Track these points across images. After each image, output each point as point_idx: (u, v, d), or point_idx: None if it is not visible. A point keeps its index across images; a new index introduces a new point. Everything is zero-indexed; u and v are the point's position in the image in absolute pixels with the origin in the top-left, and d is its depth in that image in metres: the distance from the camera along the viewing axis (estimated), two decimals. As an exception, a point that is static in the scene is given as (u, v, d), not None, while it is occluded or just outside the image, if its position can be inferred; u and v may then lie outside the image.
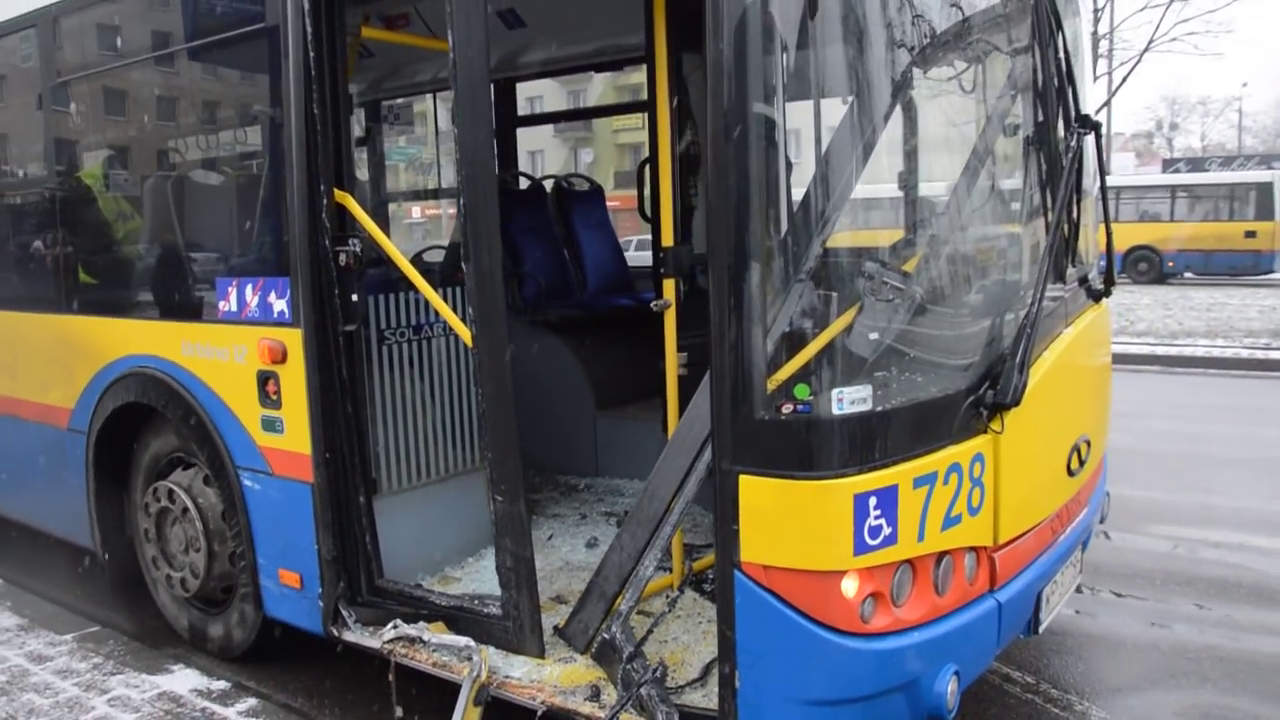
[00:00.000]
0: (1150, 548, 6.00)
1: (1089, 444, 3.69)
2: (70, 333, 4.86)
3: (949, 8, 3.19)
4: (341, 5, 3.59)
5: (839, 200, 2.79)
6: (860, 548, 2.60)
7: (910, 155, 3.46)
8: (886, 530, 2.64)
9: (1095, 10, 23.98)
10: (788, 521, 2.60)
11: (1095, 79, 24.20)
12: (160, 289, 4.51)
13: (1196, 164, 47.43)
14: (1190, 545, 5.96)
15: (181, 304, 4.34)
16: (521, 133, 7.01)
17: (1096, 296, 4.18)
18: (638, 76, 6.28)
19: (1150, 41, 23.55)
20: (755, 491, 2.62)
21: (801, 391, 2.56)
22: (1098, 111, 20.97)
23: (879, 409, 2.65)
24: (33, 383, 5.22)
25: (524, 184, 6.59)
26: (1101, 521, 4.39)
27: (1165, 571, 5.51)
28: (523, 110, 7.29)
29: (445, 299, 3.66)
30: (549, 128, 23.13)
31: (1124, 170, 43.62)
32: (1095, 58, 24.09)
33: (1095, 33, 24.06)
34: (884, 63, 2.90)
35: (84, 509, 4.91)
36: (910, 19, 2.97)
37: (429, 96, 7.34)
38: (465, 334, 3.36)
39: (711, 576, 3.61)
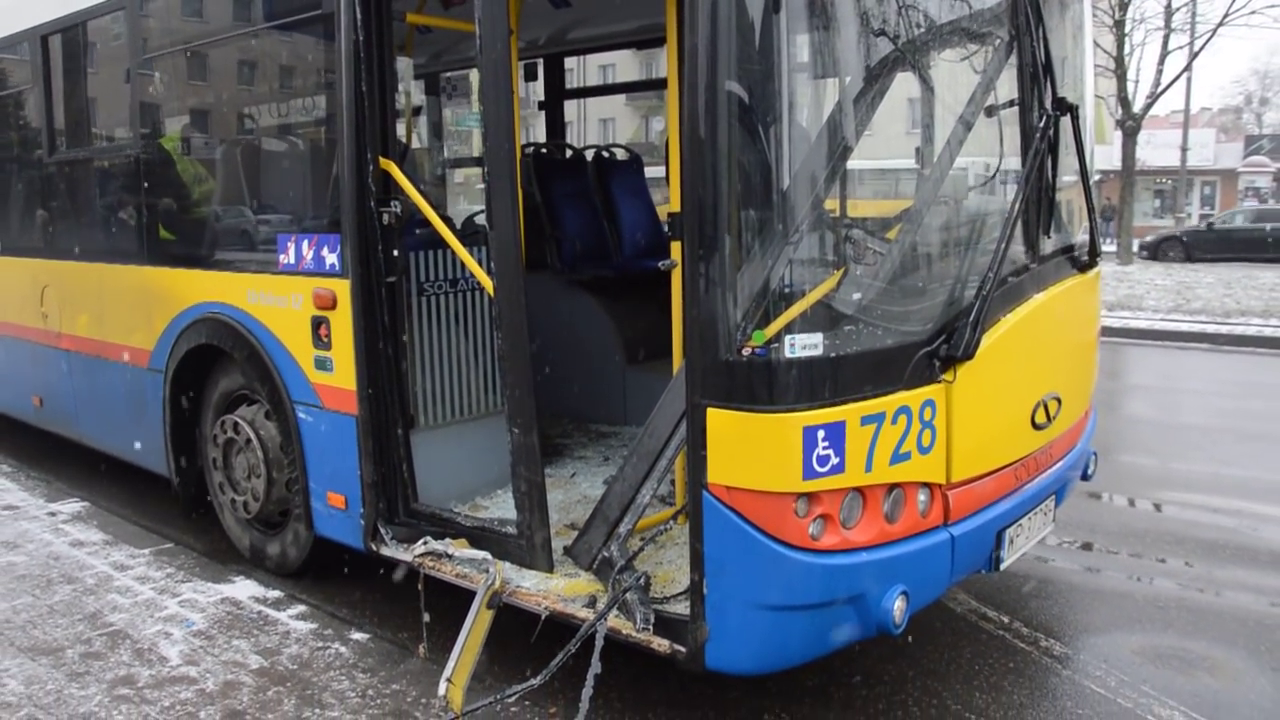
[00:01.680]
0: (1149, 510, 6.31)
1: (1058, 401, 4.02)
2: (150, 282, 5.43)
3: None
4: (388, -6, 4.05)
5: (801, 168, 3.16)
6: (809, 473, 3.01)
7: (882, 130, 3.78)
8: (834, 460, 3.05)
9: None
10: (746, 448, 3.02)
11: (1167, 53, 23.82)
12: (229, 243, 5.07)
13: (1281, 142, 46.22)
14: (1190, 510, 6.25)
15: (247, 256, 4.88)
16: (593, 101, 7.38)
17: (1082, 267, 4.49)
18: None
19: (1225, 16, 23.05)
20: (720, 422, 3.04)
21: (759, 337, 2.97)
22: (1170, 85, 20.48)
23: (830, 355, 3.05)
24: (118, 327, 5.81)
25: (567, 154, 7.02)
26: (1086, 479, 4.70)
27: (1158, 531, 5.82)
28: (594, 78, 7.69)
29: (479, 258, 4.11)
30: (622, 96, 23.48)
31: (1203, 148, 42.52)
32: (1168, 32, 23.68)
33: (1169, 6, 23.64)
34: (861, 42, 3.27)
35: (161, 440, 5.51)
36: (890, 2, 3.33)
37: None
38: (488, 284, 3.81)
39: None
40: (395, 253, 4.12)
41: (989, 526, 3.69)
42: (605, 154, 6.87)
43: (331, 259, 4.23)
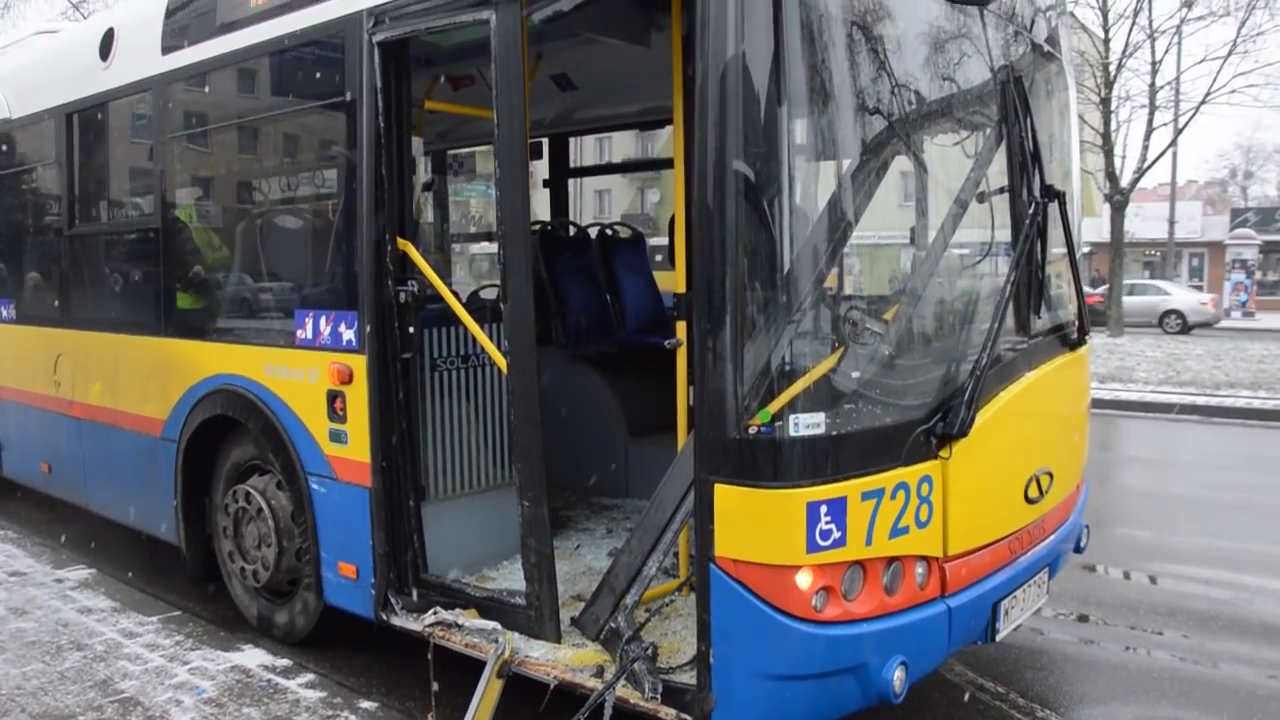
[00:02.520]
0: (1143, 582, 6.41)
1: (1050, 476, 4.16)
2: (166, 353, 5.58)
3: (923, 82, 3.75)
4: (408, 82, 4.26)
5: (809, 252, 3.33)
6: (812, 547, 3.14)
7: (878, 211, 3.96)
8: (836, 534, 3.18)
9: (1153, 62, 24.19)
10: (752, 523, 3.16)
11: (1153, 130, 24.37)
12: (246, 317, 5.23)
13: (1267, 214, 46.85)
14: (1183, 581, 6.36)
15: (265, 330, 5.04)
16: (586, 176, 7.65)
17: (1071, 345, 4.66)
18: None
19: (1207, 94, 23.64)
20: (727, 497, 3.18)
21: (764, 416, 3.12)
22: (1155, 161, 20.95)
23: (832, 433, 3.20)
24: (132, 396, 5.95)
25: (572, 231, 7.23)
26: (1078, 551, 4.82)
27: (1152, 603, 5.91)
28: (591, 152, 7.95)
29: (490, 334, 4.27)
30: (617, 169, 23.97)
31: (1190, 220, 43.17)
32: (1152, 109, 24.26)
33: (1153, 84, 24.25)
34: (855, 125, 3.47)
35: (171, 509, 5.61)
36: (885, 88, 3.53)
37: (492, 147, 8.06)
38: (501, 362, 3.96)
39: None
40: (411, 330, 4.27)
41: (985, 598, 3.81)
42: (609, 232, 7.08)
43: (348, 335, 4.38)
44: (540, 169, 7.82)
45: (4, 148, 7.38)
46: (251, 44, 4.87)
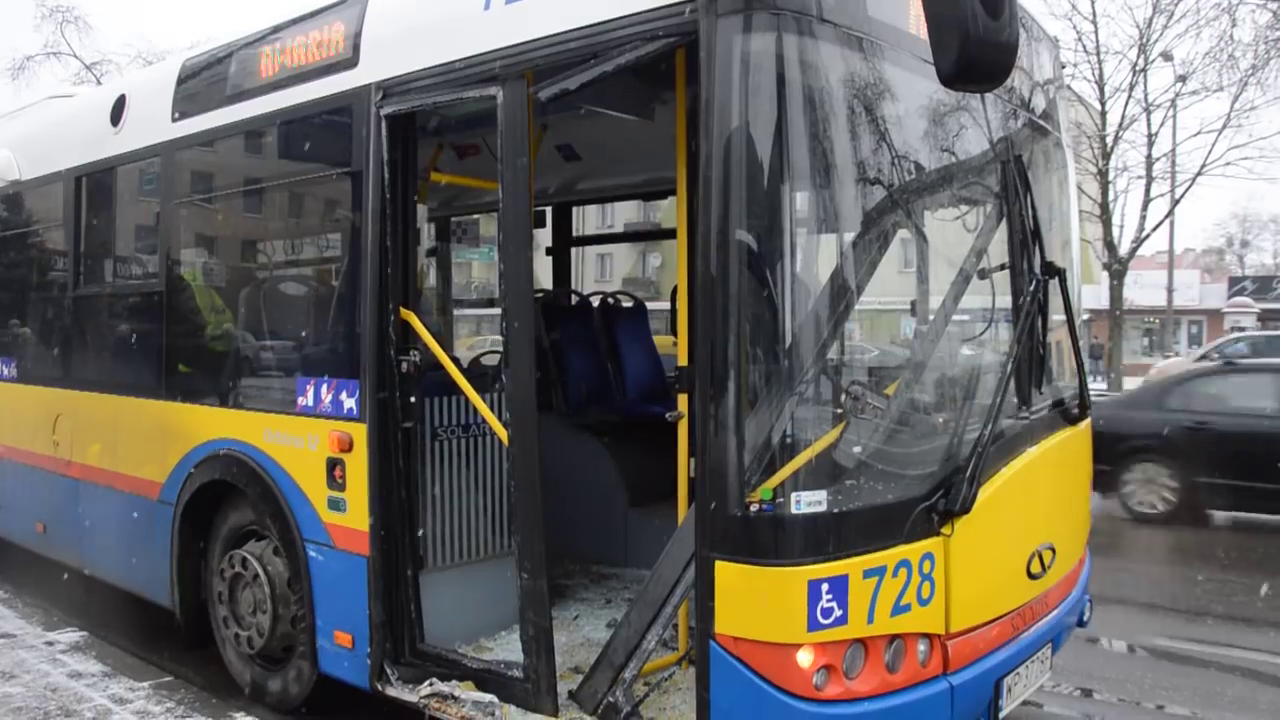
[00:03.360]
0: (1146, 656, 6.33)
1: (1052, 551, 4.14)
2: (167, 416, 5.57)
3: (923, 159, 3.80)
4: (414, 154, 4.32)
5: (809, 322, 3.35)
6: (814, 625, 3.11)
7: (879, 283, 4.00)
8: (838, 612, 3.15)
9: (1149, 135, 24.55)
10: (753, 600, 3.14)
11: (1150, 200, 24.64)
12: (247, 383, 5.23)
13: (1264, 283, 47.22)
14: (1190, 653, 6.27)
15: (265, 396, 5.04)
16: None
17: (1072, 420, 4.66)
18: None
19: (1202, 167, 23.97)
20: (728, 574, 3.16)
21: (766, 494, 3.11)
22: (1153, 231, 21.13)
23: (834, 510, 3.19)
24: (130, 458, 5.93)
25: (574, 300, 7.28)
26: (1082, 625, 4.78)
27: (1156, 676, 5.84)
28: (594, 217, 8.02)
29: (491, 404, 4.27)
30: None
31: (1189, 288, 43.47)
32: (1149, 180, 24.56)
33: (1149, 156, 24.59)
34: (856, 201, 3.51)
35: (166, 572, 5.56)
36: (886, 165, 3.58)
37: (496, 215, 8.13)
38: (502, 434, 3.96)
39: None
40: (413, 399, 4.28)
41: (988, 675, 3.77)
42: (610, 300, 7.11)
43: (349, 403, 4.38)
44: (543, 236, 7.91)
45: (14, 208, 7.45)
46: (261, 113, 4.94)
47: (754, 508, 3.12)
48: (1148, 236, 24.66)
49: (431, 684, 4.12)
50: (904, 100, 3.74)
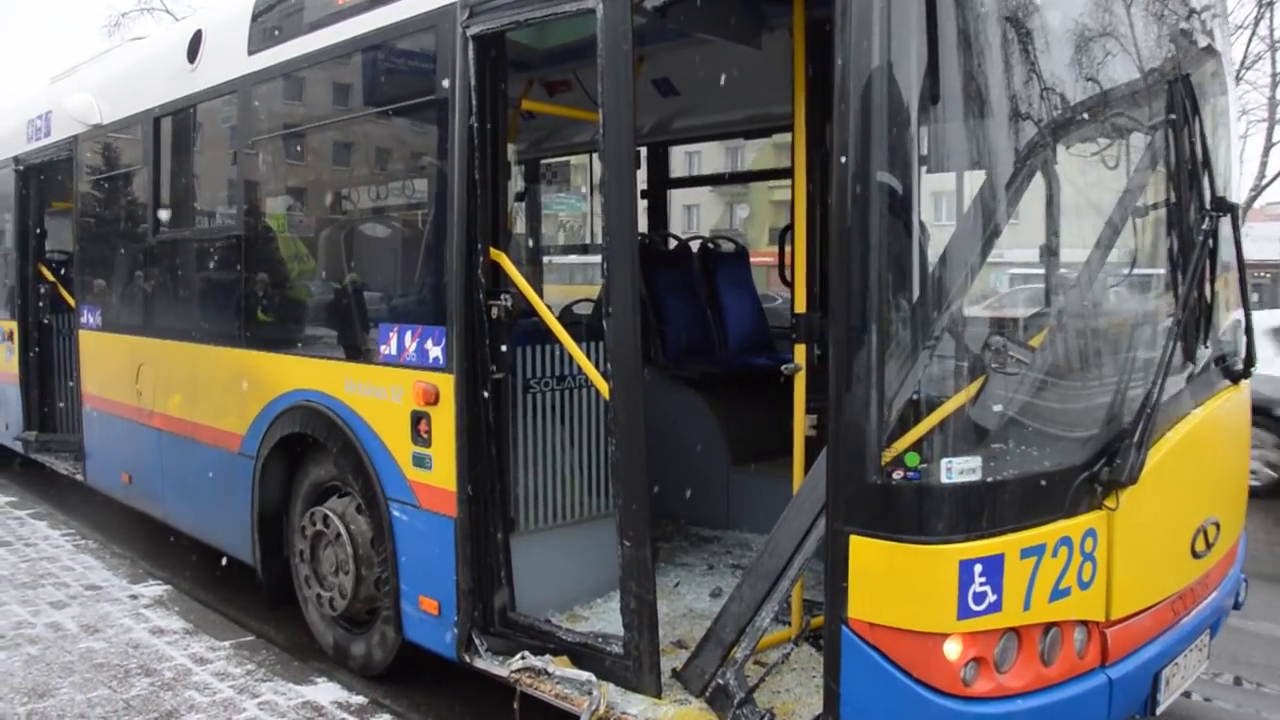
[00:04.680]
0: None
1: (1217, 527, 3.66)
2: (246, 365, 5.33)
3: (1083, 82, 3.30)
4: (504, 80, 3.93)
5: (961, 272, 2.92)
6: (964, 613, 2.70)
7: (1040, 228, 3.54)
8: (991, 597, 2.74)
9: (1274, 74, 22.97)
10: (894, 583, 2.73)
11: (1272, 145, 23.13)
12: (328, 330, 4.94)
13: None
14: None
15: (347, 345, 4.74)
16: (678, 189, 7.33)
17: (1234, 377, 4.14)
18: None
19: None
20: (864, 552, 2.76)
21: (912, 459, 2.69)
22: (1274, 179, 19.84)
23: (988, 479, 2.76)
24: (210, 409, 5.72)
25: (672, 244, 6.87)
26: (1236, 608, 4.29)
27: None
28: (679, 166, 7.61)
29: (588, 353, 3.91)
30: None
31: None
32: (1273, 124, 23.02)
33: (1273, 98, 23.04)
34: (1011, 134, 3.03)
35: (247, 528, 5.35)
36: (1040, 92, 3.09)
37: (587, 155, 7.73)
38: (603, 387, 3.59)
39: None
40: (504, 348, 3.93)
41: (1147, 667, 3.33)
42: (710, 245, 6.69)
43: (435, 352, 4.05)
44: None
45: (96, 154, 7.28)
46: (339, 41, 4.59)
47: (897, 475, 2.71)
48: (1268, 184, 23.20)
49: (524, 657, 3.81)
50: (1060, 17, 3.24)
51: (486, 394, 3.93)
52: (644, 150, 7.33)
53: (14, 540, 6.84)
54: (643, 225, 7.41)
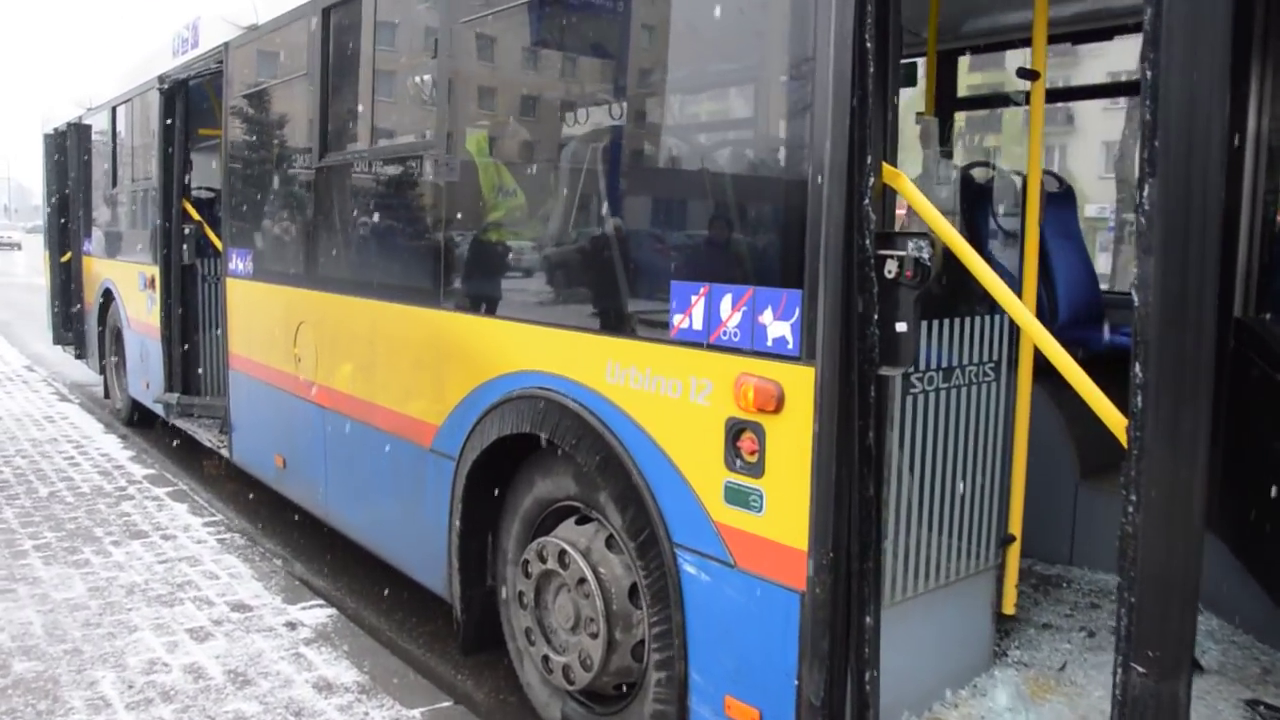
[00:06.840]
0: None
1: None
2: (446, 333, 3.96)
3: None
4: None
5: None
6: None
7: None
8: None
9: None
10: None
11: None
12: (578, 289, 3.46)
13: None
14: None
15: (609, 312, 3.26)
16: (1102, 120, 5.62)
17: None
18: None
19: None
20: None
21: None
22: None
23: None
24: (393, 387, 4.40)
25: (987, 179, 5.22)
26: None
27: None
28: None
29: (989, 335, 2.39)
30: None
31: None
32: None
33: None
34: None
35: (441, 549, 4.01)
36: None
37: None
38: (1118, 424, 2.06)
39: None
40: (902, 327, 2.40)
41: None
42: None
43: (779, 329, 2.55)
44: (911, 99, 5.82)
45: (251, 61, 6.02)
46: None
47: None
48: None
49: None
50: None
51: (869, 399, 2.42)
52: (919, 63, 5.68)
53: (150, 531, 5.68)
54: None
